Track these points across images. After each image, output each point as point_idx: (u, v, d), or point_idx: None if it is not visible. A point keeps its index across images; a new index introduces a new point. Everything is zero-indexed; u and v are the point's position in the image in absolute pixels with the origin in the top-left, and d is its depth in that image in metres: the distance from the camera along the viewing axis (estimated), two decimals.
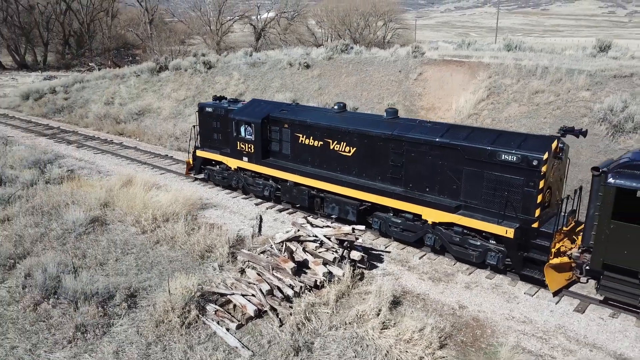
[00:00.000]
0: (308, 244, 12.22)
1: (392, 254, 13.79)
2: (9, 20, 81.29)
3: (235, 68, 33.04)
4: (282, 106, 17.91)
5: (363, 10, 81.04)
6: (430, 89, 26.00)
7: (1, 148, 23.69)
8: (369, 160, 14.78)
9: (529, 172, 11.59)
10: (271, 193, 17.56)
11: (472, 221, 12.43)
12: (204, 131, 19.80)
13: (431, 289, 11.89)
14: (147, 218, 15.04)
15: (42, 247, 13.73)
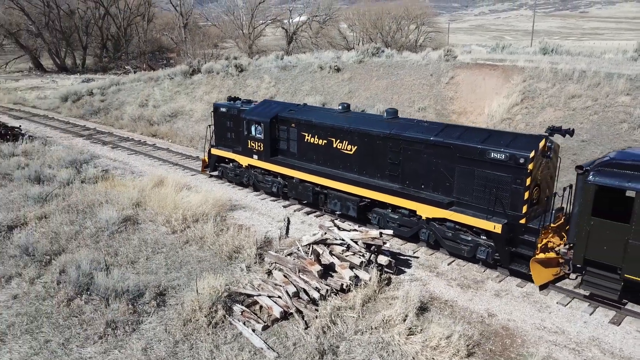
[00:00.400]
0: (335, 248, 12.18)
1: (420, 259, 13.62)
2: (50, 24, 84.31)
3: (266, 71, 33.37)
4: (290, 107, 18.56)
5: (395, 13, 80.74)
6: (462, 93, 25.64)
7: (41, 148, 24.51)
8: (369, 158, 15.37)
9: (516, 169, 11.99)
10: (279, 189, 18.16)
11: (463, 217, 12.85)
12: (218, 130, 20.60)
13: (460, 296, 11.68)
14: (178, 218, 15.30)
15: (77, 245, 14.10)
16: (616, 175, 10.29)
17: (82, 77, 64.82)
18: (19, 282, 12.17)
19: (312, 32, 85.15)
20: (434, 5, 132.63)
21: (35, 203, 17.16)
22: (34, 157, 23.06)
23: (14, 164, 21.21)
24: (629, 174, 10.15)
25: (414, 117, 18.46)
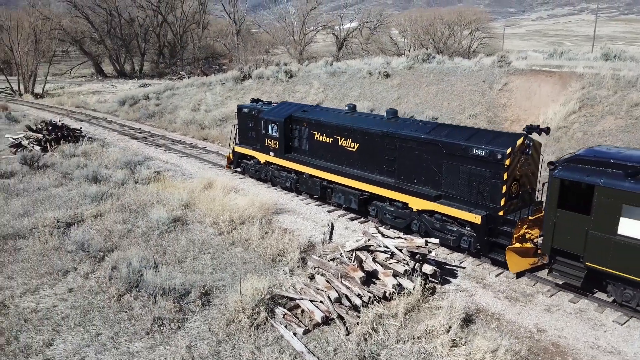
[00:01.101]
0: (378, 255, 12.04)
1: (466, 269, 13.26)
2: (112, 32, 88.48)
3: (315, 77, 33.60)
4: (304, 107, 19.97)
5: (448, 19, 79.54)
6: (516, 100, 24.86)
7: (99, 149, 25.68)
8: (369, 155, 16.53)
9: (495, 165, 12.90)
10: (292, 184, 19.62)
11: (448, 209, 13.87)
12: (241, 129, 22.06)
13: (507, 309, 11.27)
14: (225, 220, 15.60)
15: (128, 243, 14.63)
16: (578, 170, 11.13)
17: (140, 82, 67.52)
18: (74, 277, 12.73)
19: (363, 38, 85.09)
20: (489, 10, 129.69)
21: (92, 202, 17.96)
22: (93, 157, 24.19)
23: (74, 164, 22.32)
24: (589, 169, 10.99)
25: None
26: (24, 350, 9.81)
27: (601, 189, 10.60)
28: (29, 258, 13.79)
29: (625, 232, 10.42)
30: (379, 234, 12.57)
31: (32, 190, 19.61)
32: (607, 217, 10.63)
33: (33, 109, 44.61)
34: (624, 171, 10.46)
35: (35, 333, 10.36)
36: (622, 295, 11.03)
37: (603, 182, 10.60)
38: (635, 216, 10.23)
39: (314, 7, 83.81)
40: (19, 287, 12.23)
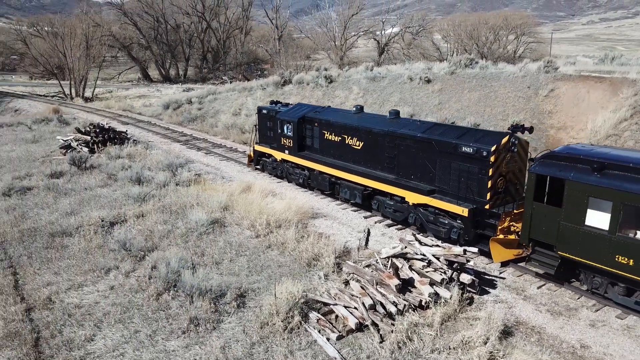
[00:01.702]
0: (415, 262, 11.84)
1: (506, 280, 12.86)
2: (158, 38, 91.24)
3: (355, 82, 33.54)
4: (317, 108, 21.21)
5: (493, 23, 77.78)
6: (563, 107, 24.04)
7: (143, 151, 26.44)
8: (372, 152, 17.63)
9: (481, 161, 13.80)
10: (305, 180, 20.75)
11: (440, 202, 14.81)
12: (260, 129, 23.42)
13: (549, 323, 10.84)
14: (262, 223, 15.74)
15: (168, 243, 14.96)
16: (551, 166, 11.99)
17: (183, 87, 69.27)
18: (116, 275, 13.11)
19: (405, 43, 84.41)
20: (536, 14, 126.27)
21: (135, 202, 18.49)
22: (137, 159, 24.92)
23: (119, 165, 23.06)
24: (561, 164, 11.87)
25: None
26: (66, 344, 10.15)
27: (571, 182, 11.47)
28: (74, 255, 14.31)
29: (591, 223, 11.24)
30: (416, 242, 12.38)
31: (79, 190, 20.37)
32: (575, 209, 11.46)
33: (82, 112, 46.47)
34: (590, 166, 11.30)
35: (77, 328, 10.71)
36: (591, 282, 11.83)
37: (572, 177, 11.46)
38: (599, 208, 11.06)
39: (356, 12, 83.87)
40: (64, 282, 12.70)
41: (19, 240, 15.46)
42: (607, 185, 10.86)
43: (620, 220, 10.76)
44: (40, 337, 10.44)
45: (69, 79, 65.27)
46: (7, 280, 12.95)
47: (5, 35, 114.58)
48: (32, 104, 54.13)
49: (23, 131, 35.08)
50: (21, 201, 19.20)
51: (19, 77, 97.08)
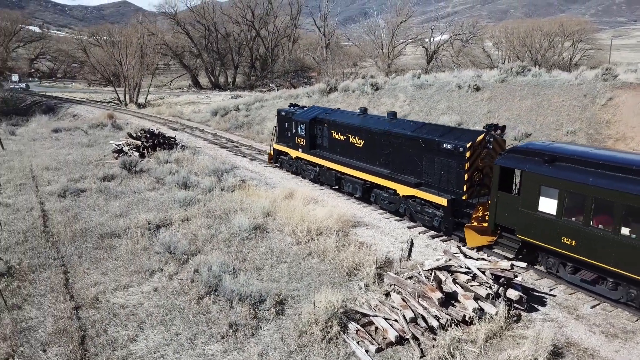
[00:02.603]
0: (459, 276, 11.43)
1: (557, 298, 12.21)
2: (209, 46, 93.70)
3: (401, 90, 33.15)
4: (327, 110, 23.27)
5: (548, 30, 75.17)
6: (622, 116, 22.82)
7: (190, 157, 27.04)
8: (371, 150, 19.33)
9: (458, 156, 15.28)
10: (315, 176, 22.63)
11: (425, 194, 16.38)
12: (279, 130, 25.36)
13: (603, 345, 10.17)
14: (303, 230, 15.68)
15: (211, 247, 15.14)
16: (512, 159, 13.49)
17: (232, 94, 70.69)
18: (159, 277, 13.35)
19: (454, 50, 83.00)
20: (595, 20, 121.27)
21: (180, 206, 18.87)
22: (184, 164, 25.50)
23: (167, 170, 23.65)
24: (519, 157, 13.30)
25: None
26: (110, 344, 10.38)
27: (526, 173, 12.92)
28: (121, 257, 14.70)
29: (543, 209, 12.59)
30: (461, 254, 11.96)
31: (128, 193, 21.01)
32: (530, 197, 12.85)
33: (135, 117, 48.20)
34: (542, 159, 12.73)
35: (121, 328, 10.94)
36: (546, 263, 13.12)
37: (527, 168, 12.93)
38: (549, 195, 12.43)
39: (404, 19, 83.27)
40: (111, 283, 13.04)
41: (71, 240, 16.04)
42: (555, 175, 12.27)
43: (565, 206, 12.12)
44: (86, 336, 10.72)
45: (124, 86, 67.96)
46: (58, 278, 13.42)
47: (67, 44, 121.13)
48: (89, 109, 56.67)
49: (80, 135, 36.70)
50: (75, 202, 19.98)
51: (78, 84, 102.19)
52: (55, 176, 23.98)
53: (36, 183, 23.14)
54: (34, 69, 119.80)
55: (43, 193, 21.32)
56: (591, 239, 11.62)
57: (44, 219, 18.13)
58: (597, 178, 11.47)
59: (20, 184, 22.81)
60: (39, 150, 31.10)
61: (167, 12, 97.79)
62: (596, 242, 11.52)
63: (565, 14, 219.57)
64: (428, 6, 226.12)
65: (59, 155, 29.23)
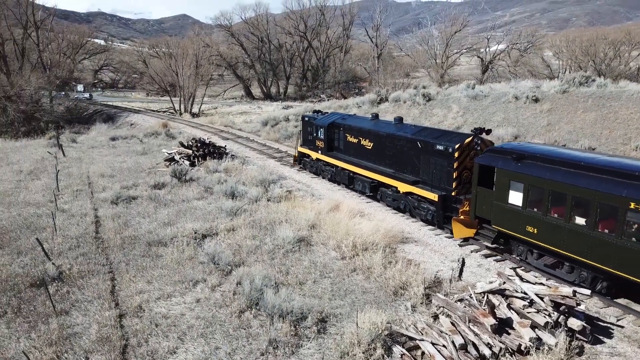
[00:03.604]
0: (514, 301, 10.61)
1: (625, 329, 11.12)
2: (262, 57, 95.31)
3: (454, 101, 32.14)
4: (344, 116, 25.59)
5: (614, 38, 71.27)
6: None
7: (239, 166, 27.20)
8: (378, 151, 21.18)
9: (448, 156, 16.89)
10: (332, 176, 24.80)
11: (421, 190, 18.01)
12: (303, 134, 27.76)
13: None
14: (348, 245, 15.21)
15: (255, 259, 14.94)
16: (489, 157, 14.85)
17: (283, 104, 71.35)
18: (202, 288, 13.25)
19: (511, 60, 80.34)
20: None
21: (227, 216, 18.86)
22: (232, 174, 25.66)
23: (216, 179, 23.84)
24: (495, 156, 14.69)
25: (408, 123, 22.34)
26: (150, 354, 10.29)
27: (499, 170, 14.42)
28: (167, 265, 14.75)
29: (512, 201, 14.05)
30: (517, 278, 11.13)
31: (177, 201, 21.27)
32: (502, 191, 14.30)
33: (188, 127, 49.39)
34: (512, 157, 14.18)
35: (162, 339, 10.85)
36: (517, 250, 14.62)
37: (500, 165, 14.40)
38: (517, 189, 13.89)
39: (459, 29, 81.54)
40: (155, 292, 13.05)
41: (120, 247, 16.29)
42: (521, 171, 13.76)
43: (529, 198, 13.61)
44: (127, 345, 10.69)
45: (179, 95, 70.06)
46: (105, 285, 13.60)
47: (129, 56, 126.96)
48: (145, 118, 58.70)
49: (135, 144, 37.89)
50: (126, 209, 20.41)
51: (137, 94, 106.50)
52: (109, 183, 24.69)
53: (91, 189, 23.89)
54: (98, 79, 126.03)
55: (97, 199, 21.94)
56: (549, 227, 13.15)
57: (96, 225, 18.57)
58: (553, 173, 13.06)
59: (77, 190, 23.61)
60: (97, 158, 32.27)
61: (223, 24, 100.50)
62: (553, 229, 13.04)
63: (632, 21, 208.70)
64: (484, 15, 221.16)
65: (115, 162, 30.18)
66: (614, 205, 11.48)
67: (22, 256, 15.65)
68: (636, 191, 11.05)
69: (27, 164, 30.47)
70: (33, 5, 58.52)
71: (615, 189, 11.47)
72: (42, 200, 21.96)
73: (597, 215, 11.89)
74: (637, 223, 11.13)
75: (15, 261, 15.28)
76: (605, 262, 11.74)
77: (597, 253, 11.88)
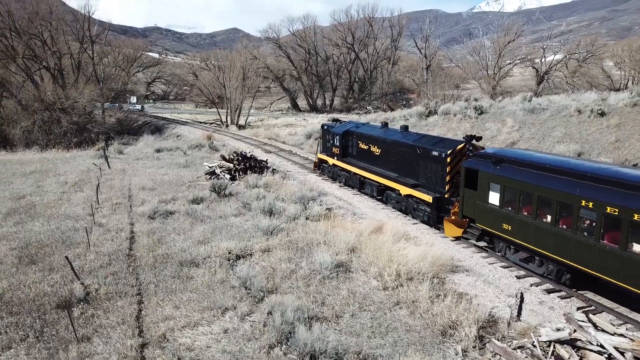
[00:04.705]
0: (588, 354, 8.94)
1: None
2: (308, 69, 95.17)
3: (509, 114, 30.11)
4: (358, 124, 27.38)
5: None
6: None
7: (279, 181, 26.29)
8: (385, 157, 22.63)
9: (442, 161, 18.26)
10: (346, 180, 26.34)
11: (419, 193, 19.23)
12: (323, 141, 29.56)
13: None
14: (391, 273, 13.83)
15: (289, 285, 13.83)
16: (473, 162, 16.34)
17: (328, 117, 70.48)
18: (231, 316, 12.26)
19: (568, 71, 76.46)
20: None
21: (263, 235, 17.88)
22: (272, 189, 24.75)
23: (255, 195, 22.96)
24: (479, 160, 16.14)
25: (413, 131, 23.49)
26: None
27: (481, 172, 15.54)
28: (197, 289, 13.88)
29: (491, 201, 15.21)
30: (590, 325, 9.44)
31: (214, 217, 20.52)
32: (484, 192, 15.45)
33: (232, 139, 49.21)
34: (491, 161, 15.39)
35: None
36: (498, 246, 15.75)
37: (482, 168, 15.55)
38: (495, 190, 15.06)
39: (513, 39, 78.55)
40: (182, 319, 12.19)
41: (152, 267, 15.60)
42: (498, 173, 14.97)
43: (505, 198, 14.75)
44: None
45: (226, 107, 70.61)
46: (131, 309, 12.86)
47: (180, 68, 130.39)
48: (191, 130, 59.21)
49: (178, 156, 37.84)
50: (162, 225, 19.85)
51: (186, 106, 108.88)
52: (149, 196, 24.35)
53: (130, 203, 23.60)
54: (150, 91, 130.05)
55: (135, 214, 21.55)
56: (520, 224, 14.37)
57: (131, 242, 18.06)
58: (523, 175, 14.31)
59: (116, 204, 23.36)
60: (140, 170, 32.28)
61: (270, 37, 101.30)
62: (523, 226, 14.26)
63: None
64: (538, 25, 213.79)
65: (157, 175, 30.00)
66: (569, 203, 12.75)
67: (54, 273, 15.21)
68: (586, 190, 12.31)
69: (73, 175, 30.80)
70: (89, 20, 60.48)
71: (570, 188, 12.76)
72: (81, 213, 21.78)
73: (557, 213, 13.17)
74: (588, 219, 12.37)
75: (46, 278, 14.85)
76: (565, 255, 12.96)
77: (558, 247, 13.12)
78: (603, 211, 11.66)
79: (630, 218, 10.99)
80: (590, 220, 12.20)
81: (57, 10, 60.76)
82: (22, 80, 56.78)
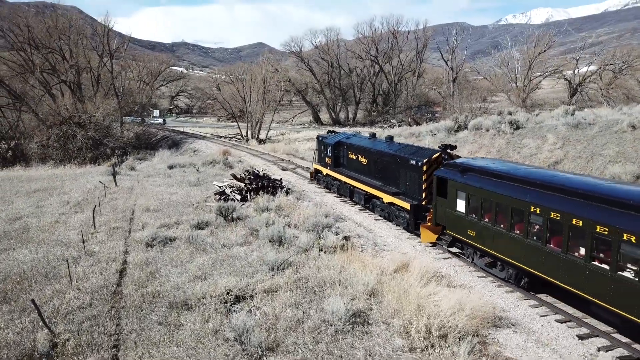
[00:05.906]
0: None
1: None
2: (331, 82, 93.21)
3: (550, 129, 27.12)
4: (349, 135, 28.84)
5: None
6: None
7: (294, 203, 23.88)
8: (371, 166, 23.82)
9: (418, 170, 19.52)
10: (338, 189, 27.18)
11: (399, 200, 20.57)
12: (318, 152, 30.66)
13: None
14: (419, 328, 11.17)
15: (294, 341, 11.33)
16: (443, 171, 17.35)
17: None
18: None
19: (603, 83, 72.62)
20: None
21: (269, 270, 15.45)
22: (284, 213, 22.33)
23: (264, 219, 20.54)
24: (449, 170, 17.07)
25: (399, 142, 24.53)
26: None
27: (450, 181, 16.66)
28: (184, 342, 11.57)
29: (458, 209, 16.27)
30: None
31: (217, 246, 18.24)
32: (453, 200, 16.54)
33: (249, 155, 47.12)
34: (459, 170, 16.58)
35: None
36: (467, 252, 16.64)
37: (450, 177, 16.69)
38: (462, 198, 16.12)
39: (543, 50, 75.21)
40: None
41: (138, 308, 13.37)
42: (464, 182, 15.93)
43: (469, 206, 15.74)
44: None
45: (247, 121, 68.92)
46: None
47: (204, 82, 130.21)
48: (208, 145, 57.47)
49: (191, 173, 35.82)
50: (159, 254, 17.69)
51: (208, 120, 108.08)
52: (152, 219, 22.28)
53: (130, 227, 21.53)
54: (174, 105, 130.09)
55: (132, 240, 19.47)
56: (483, 230, 14.95)
57: (120, 275, 15.89)
58: (484, 183, 14.92)
59: (114, 228, 21.34)
60: (148, 188, 30.34)
61: (293, 50, 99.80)
62: (485, 232, 14.86)
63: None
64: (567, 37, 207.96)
65: (164, 194, 27.98)
66: (521, 209, 13.34)
67: (25, 316, 13.12)
68: (535, 196, 12.96)
69: (77, 194, 29.05)
70: (108, 34, 59.73)
71: (522, 195, 13.37)
72: (75, 239, 19.74)
73: (512, 219, 13.70)
74: (537, 224, 12.94)
75: (14, 323, 12.76)
76: (519, 259, 13.50)
77: (514, 252, 13.67)
78: (548, 216, 12.37)
79: (569, 223, 11.68)
80: (539, 226, 12.83)
81: (76, 24, 60.20)
82: (40, 95, 56.13)
